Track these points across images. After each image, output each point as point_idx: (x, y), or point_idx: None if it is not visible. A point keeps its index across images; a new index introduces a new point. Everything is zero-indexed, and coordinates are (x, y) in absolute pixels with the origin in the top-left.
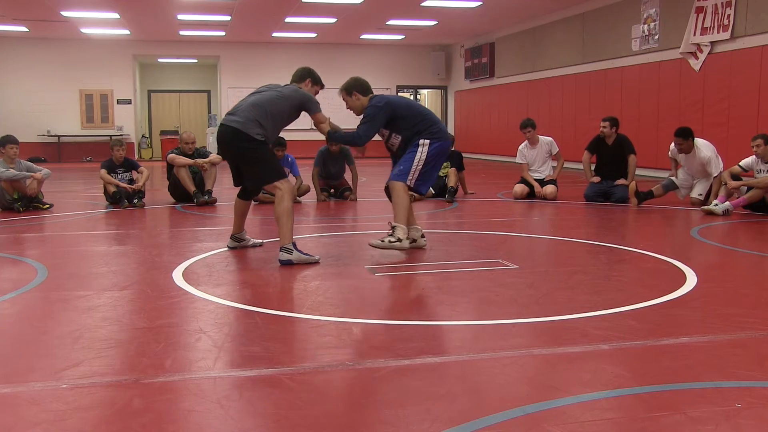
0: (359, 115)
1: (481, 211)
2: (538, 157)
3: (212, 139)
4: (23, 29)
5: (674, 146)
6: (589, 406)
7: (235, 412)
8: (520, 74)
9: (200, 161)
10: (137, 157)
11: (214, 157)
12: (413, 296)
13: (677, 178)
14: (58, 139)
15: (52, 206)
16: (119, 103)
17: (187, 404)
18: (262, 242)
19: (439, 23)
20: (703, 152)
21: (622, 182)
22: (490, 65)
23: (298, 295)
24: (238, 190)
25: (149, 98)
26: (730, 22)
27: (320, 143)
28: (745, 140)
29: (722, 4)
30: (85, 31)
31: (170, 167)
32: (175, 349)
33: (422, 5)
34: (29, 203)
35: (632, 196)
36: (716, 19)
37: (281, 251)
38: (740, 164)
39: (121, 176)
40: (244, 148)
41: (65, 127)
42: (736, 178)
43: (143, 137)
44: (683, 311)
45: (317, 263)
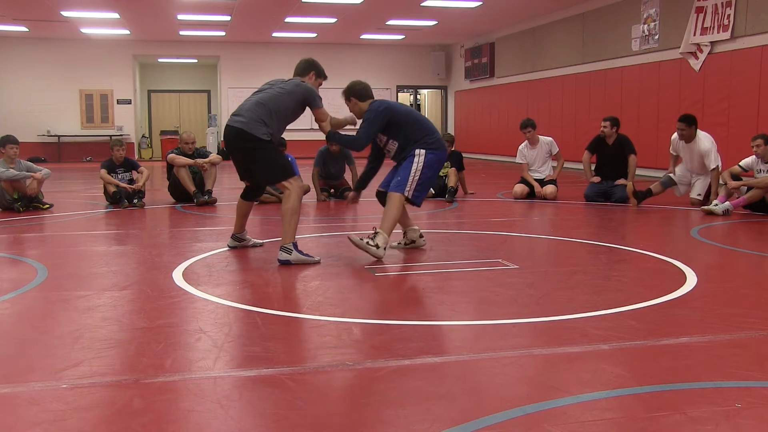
0: (360, 119)
1: (481, 211)
2: (538, 157)
3: (212, 139)
4: (23, 29)
5: (675, 138)
6: (589, 406)
7: (235, 412)
8: (520, 74)
9: (200, 161)
10: (137, 157)
11: (214, 157)
12: (413, 296)
13: (675, 174)
14: (58, 139)
15: (52, 206)
16: (119, 103)
17: (187, 404)
18: (262, 242)
19: (439, 23)
20: (703, 143)
21: (622, 182)
22: (490, 65)
23: (298, 295)
24: (238, 190)
25: (149, 98)
26: (730, 22)
27: (320, 143)
28: (745, 140)
29: (722, 4)
30: (85, 31)
31: (170, 167)
32: (175, 349)
33: (422, 5)
34: (29, 203)
35: (631, 196)
36: (716, 19)
37: (281, 251)
38: (740, 164)
39: (121, 176)
40: (250, 148)
41: (65, 127)
42: (736, 178)
43: (143, 137)
44: (683, 311)
45: (317, 263)
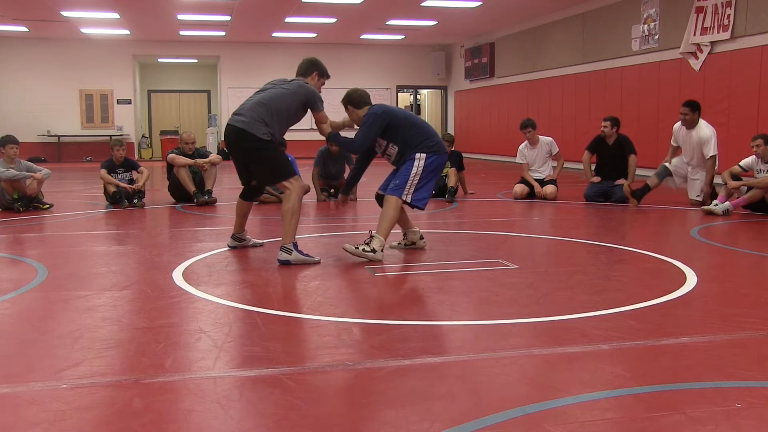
0: (358, 125)
1: (481, 211)
2: (538, 157)
3: (212, 139)
4: (23, 29)
5: (677, 127)
6: (589, 406)
7: (235, 412)
8: (520, 74)
9: (200, 161)
10: (137, 157)
11: (214, 157)
12: (413, 296)
13: (671, 164)
14: (58, 139)
15: (52, 206)
16: (119, 103)
17: (187, 404)
18: (262, 242)
19: (439, 23)
20: (703, 130)
21: (622, 182)
22: (490, 65)
23: (298, 295)
24: (239, 190)
25: (149, 98)
26: (730, 22)
27: (320, 143)
28: (745, 140)
29: (722, 4)
30: (85, 31)
31: (170, 167)
32: (175, 349)
33: (422, 5)
34: (29, 203)
35: (630, 196)
36: (716, 19)
37: (281, 251)
38: (740, 164)
39: (121, 176)
40: (250, 148)
41: (65, 127)
42: (736, 178)
43: (143, 137)
44: (683, 311)
45: (317, 263)
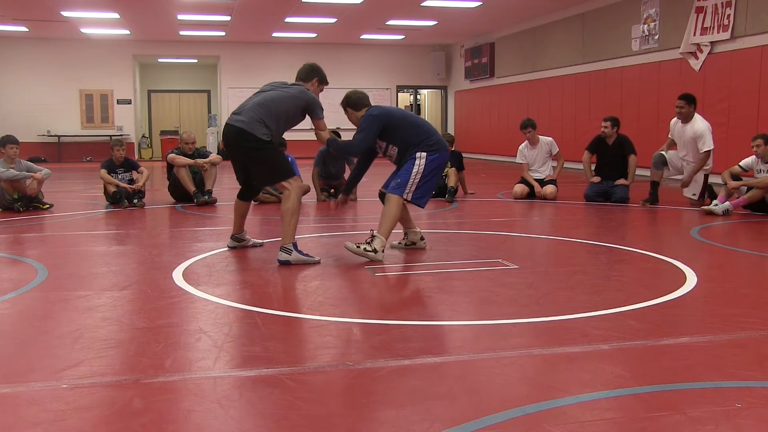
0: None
1: (481, 211)
2: (538, 157)
3: (212, 139)
4: (23, 29)
5: (673, 121)
6: (589, 406)
7: (235, 412)
8: (520, 74)
9: (200, 161)
10: (137, 157)
11: (214, 157)
12: (413, 296)
13: (666, 153)
14: (58, 139)
15: (52, 206)
16: (119, 103)
17: (187, 404)
18: (262, 242)
19: (439, 23)
20: (698, 124)
21: (622, 182)
22: (490, 65)
23: (298, 295)
24: (238, 190)
25: (149, 98)
26: (730, 22)
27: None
28: (745, 140)
29: (722, 4)
30: (85, 31)
31: (170, 167)
32: (175, 349)
33: (422, 5)
34: (29, 203)
35: (642, 203)
36: (716, 19)
37: (281, 251)
38: (740, 164)
39: (121, 176)
40: (250, 148)
41: (65, 127)
42: (736, 178)
43: (143, 137)
44: (683, 311)
45: (317, 263)
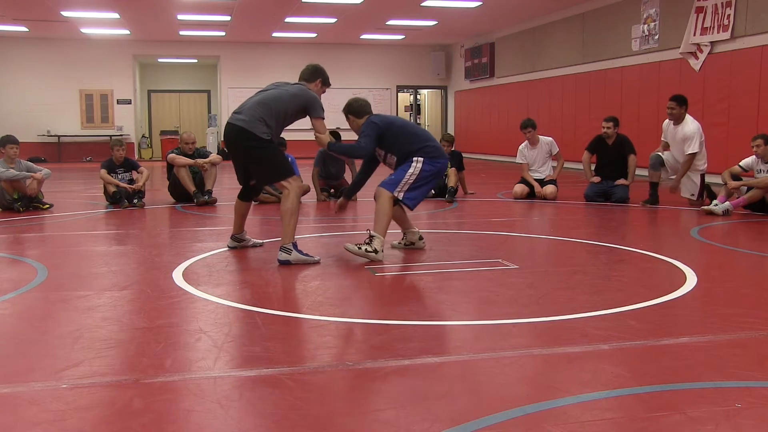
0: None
1: (481, 211)
2: (538, 157)
3: (212, 139)
4: (23, 29)
5: (666, 123)
6: (589, 406)
7: (235, 412)
8: (520, 74)
9: (200, 161)
10: (137, 157)
11: (214, 157)
12: (413, 296)
13: (663, 154)
14: (58, 139)
15: (52, 206)
16: (119, 103)
17: (187, 404)
18: (262, 242)
19: (439, 23)
20: (688, 126)
21: (622, 182)
22: (490, 65)
23: (298, 295)
24: (238, 190)
25: (149, 98)
26: (730, 22)
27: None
28: (745, 140)
29: (722, 4)
30: (85, 31)
31: (170, 167)
32: (175, 349)
33: (422, 5)
34: (29, 203)
35: (643, 204)
36: (716, 19)
37: (280, 251)
38: (740, 164)
39: (121, 176)
40: (250, 147)
41: (65, 127)
42: (736, 178)
43: (143, 137)
44: (683, 311)
45: (317, 263)
